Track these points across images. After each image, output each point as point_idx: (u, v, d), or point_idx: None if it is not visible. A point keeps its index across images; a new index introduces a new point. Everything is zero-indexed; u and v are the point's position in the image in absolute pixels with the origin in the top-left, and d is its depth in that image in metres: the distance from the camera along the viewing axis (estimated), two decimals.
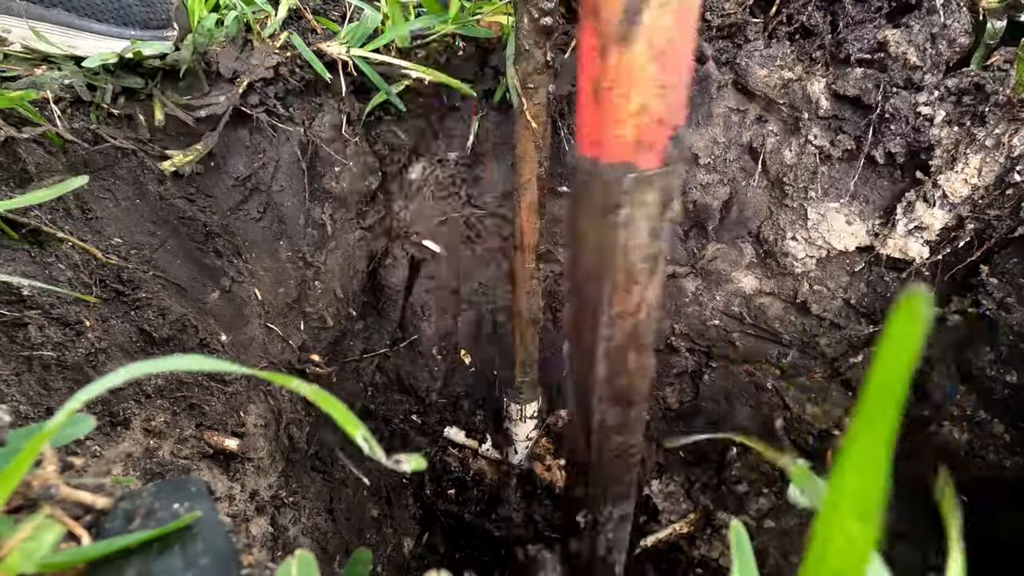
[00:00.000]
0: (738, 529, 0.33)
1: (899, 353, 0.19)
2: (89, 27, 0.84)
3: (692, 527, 1.10)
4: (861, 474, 0.20)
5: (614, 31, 0.35)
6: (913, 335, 0.18)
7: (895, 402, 0.19)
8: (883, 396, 0.19)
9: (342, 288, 1.18)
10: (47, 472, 0.34)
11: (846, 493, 0.21)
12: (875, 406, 0.20)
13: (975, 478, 0.91)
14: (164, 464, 0.70)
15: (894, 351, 0.19)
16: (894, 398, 0.19)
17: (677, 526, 1.10)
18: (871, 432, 0.20)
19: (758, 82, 0.94)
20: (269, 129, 0.94)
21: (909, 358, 0.19)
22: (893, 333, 0.19)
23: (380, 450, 0.30)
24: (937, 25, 0.83)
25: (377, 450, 0.30)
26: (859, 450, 0.20)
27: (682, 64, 0.37)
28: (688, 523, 1.10)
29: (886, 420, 0.19)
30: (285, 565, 0.32)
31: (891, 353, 0.19)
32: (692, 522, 1.10)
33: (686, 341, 1.20)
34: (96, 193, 0.79)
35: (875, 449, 0.20)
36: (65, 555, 0.30)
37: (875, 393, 0.20)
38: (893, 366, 0.19)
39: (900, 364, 0.19)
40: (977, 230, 0.89)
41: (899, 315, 0.19)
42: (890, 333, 0.19)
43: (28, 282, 0.63)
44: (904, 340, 0.19)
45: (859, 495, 0.21)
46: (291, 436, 1.00)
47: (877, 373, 0.19)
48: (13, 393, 0.61)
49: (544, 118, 0.84)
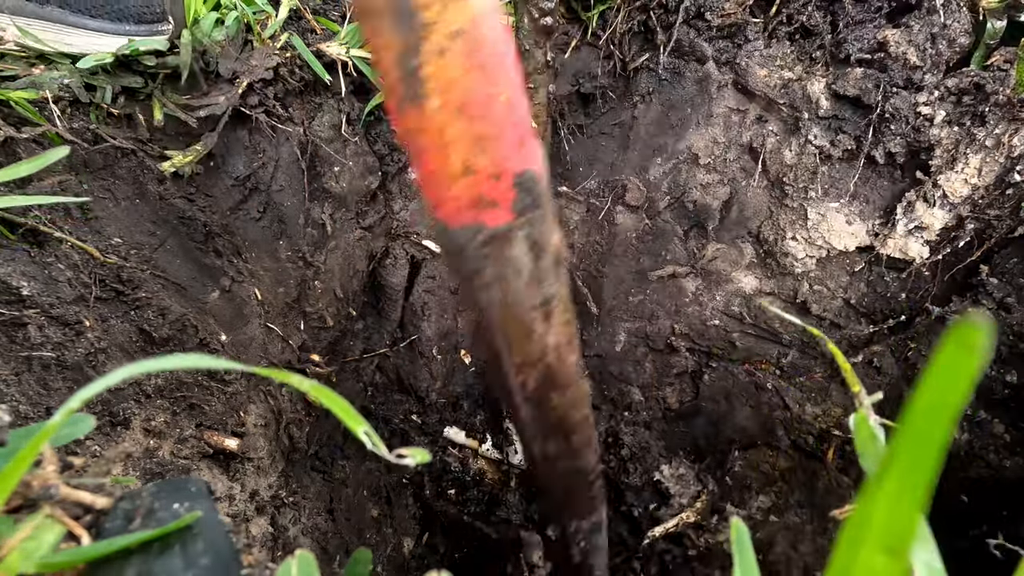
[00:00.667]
0: (738, 525, 0.32)
1: (948, 387, 0.17)
2: (84, 23, 0.83)
3: (699, 515, 1.10)
4: (894, 509, 0.19)
5: (403, 89, 0.30)
6: (967, 367, 0.16)
7: (940, 437, 0.17)
8: (926, 431, 0.17)
9: (342, 288, 1.18)
10: (47, 472, 0.34)
11: (875, 526, 0.19)
12: (916, 440, 0.18)
13: (975, 478, 0.91)
14: (164, 464, 0.70)
15: (942, 384, 0.17)
16: (939, 433, 0.17)
17: (684, 515, 1.10)
18: (910, 465, 0.18)
19: (758, 82, 0.94)
20: (268, 129, 0.94)
21: (960, 392, 0.17)
22: (943, 363, 0.17)
23: (383, 445, 0.30)
24: (937, 25, 0.83)
25: (380, 445, 0.30)
26: (894, 484, 0.18)
27: (498, 110, 0.32)
28: (696, 512, 1.10)
29: (928, 455, 0.18)
30: (285, 565, 0.32)
31: (938, 386, 0.17)
32: (700, 511, 1.10)
33: (686, 341, 1.20)
34: (96, 193, 0.79)
35: (913, 483, 0.18)
36: (65, 555, 0.30)
37: (917, 426, 0.18)
38: (939, 401, 0.17)
39: (948, 399, 0.17)
40: (977, 230, 0.89)
41: (951, 343, 0.16)
42: (939, 363, 0.17)
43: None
44: (955, 373, 0.16)
45: (890, 529, 0.19)
46: (291, 436, 1.00)
47: (920, 405, 0.17)
48: (13, 393, 0.61)
49: (544, 118, 0.84)
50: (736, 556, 0.31)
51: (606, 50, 1.00)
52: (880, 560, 0.20)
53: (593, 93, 1.04)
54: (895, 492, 0.19)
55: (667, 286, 1.18)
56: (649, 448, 1.24)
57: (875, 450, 0.40)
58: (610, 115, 1.09)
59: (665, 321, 1.21)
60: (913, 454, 0.18)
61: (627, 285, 1.21)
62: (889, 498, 0.19)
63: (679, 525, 1.10)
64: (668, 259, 1.14)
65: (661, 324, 1.21)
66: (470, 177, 0.33)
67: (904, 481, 0.18)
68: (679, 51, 0.98)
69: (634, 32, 0.99)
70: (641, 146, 1.08)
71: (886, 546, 0.19)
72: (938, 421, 0.17)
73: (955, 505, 0.92)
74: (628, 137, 1.08)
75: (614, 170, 1.12)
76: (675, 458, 1.20)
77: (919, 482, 0.18)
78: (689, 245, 1.13)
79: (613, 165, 1.12)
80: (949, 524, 0.92)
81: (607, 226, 1.17)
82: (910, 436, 0.18)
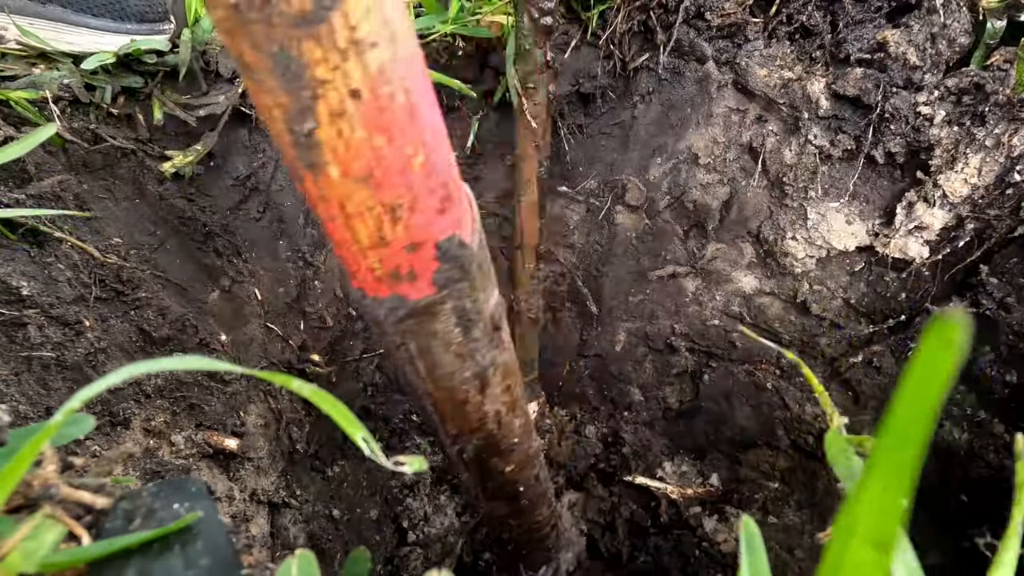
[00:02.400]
0: (749, 523, 0.32)
1: (928, 380, 0.17)
2: (85, 22, 0.83)
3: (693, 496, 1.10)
4: (879, 503, 0.19)
5: (296, 155, 0.26)
6: (946, 362, 0.17)
7: (921, 432, 0.18)
8: (908, 424, 0.18)
9: (342, 288, 1.18)
10: (47, 472, 0.34)
11: (862, 520, 0.20)
12: (899, 434, 0.18)
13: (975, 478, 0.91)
14: (164, 464, 0.70)
15: (923, 378, 0.18)
16: (920, 427, 0.18)
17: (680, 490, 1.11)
18: (893, 460, 0.19)
19: (758, 82, 0.94)
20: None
21: (939, 387, 0.17)
22: (923, 358, 0.17)
23: (380, 452, 0.30)
24: (937, 25, 0.83)
25: (377, 452, 0.30)
26: (879, 477, 0.19)
27: (413, 175, 0.27)
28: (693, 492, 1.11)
29: (910, 449, 0.18)
30: (285, 565, 0.32)
31: (919, 380, 0.18)
32: (693, 495, 1.11)
33: (686, 341, 1.20)
34: (95, 193, 0.79)
35: (897, 478, 0.19)
36: (65, 555, 0.30)
37: (899, 420, 0.18)
38: (920, 394, 0.18)
39: (928, 393, 0.18)
40: (977, 230, 0.89)
41: (931, 338, 0.17)
42: (920, 358, 0.17)
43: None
44: (935, 367, 0.17)
45: (876, 523, 0.20)
46: (291, 436, 1.00)
47: (903, 399, 0.18)
48: (12, 393, 0.61)
49: (544, 118, 0.84)
50: (744, 556, 0.31)
51: (606, 50, 1.00)
52: (868, 554, 0.20)
53: (593, 93, 1.05)
54: (880, 487, 0.19)
55: (667, 286, 1.18)
56: (650, 447, 1.24)
57: (847, 463, 0.40)
58: (610, 115, 1.09)
59: (665, 321, 1.21)
60: (897, 448, 0.19)
61: (627, 285, 1.21)
62: (875, 493, 0.19)
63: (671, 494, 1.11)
64: (668, 259, 1.14)
65: (661, 324, 1.21)
66: (384, 248, 0.29)
67: (889, 475, 0.19)
68: (679, 51, 0.98)
69: (634, 32, 0.99)
70: (641, 146, 1.08)
71: (874, 540, 0.20)
72: (919, 415, 0.18)
73: (955, 505, 0.92)
74: (628, 137, 1.08)
75: (614, 170, 1.12)
76: (676, 456, 1.21)
77: (903, 475, 0.19)
78: (689, 245, 1.13)
79: (613, 165, 1.12)
80: (949, 524, 0.92)
81: (607, 226, 1.17)
82: (893, 431, 0.19)
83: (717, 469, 1.18)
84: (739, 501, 1.10)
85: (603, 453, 1.22)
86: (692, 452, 1.25)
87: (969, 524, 0.91)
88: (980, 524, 0.90)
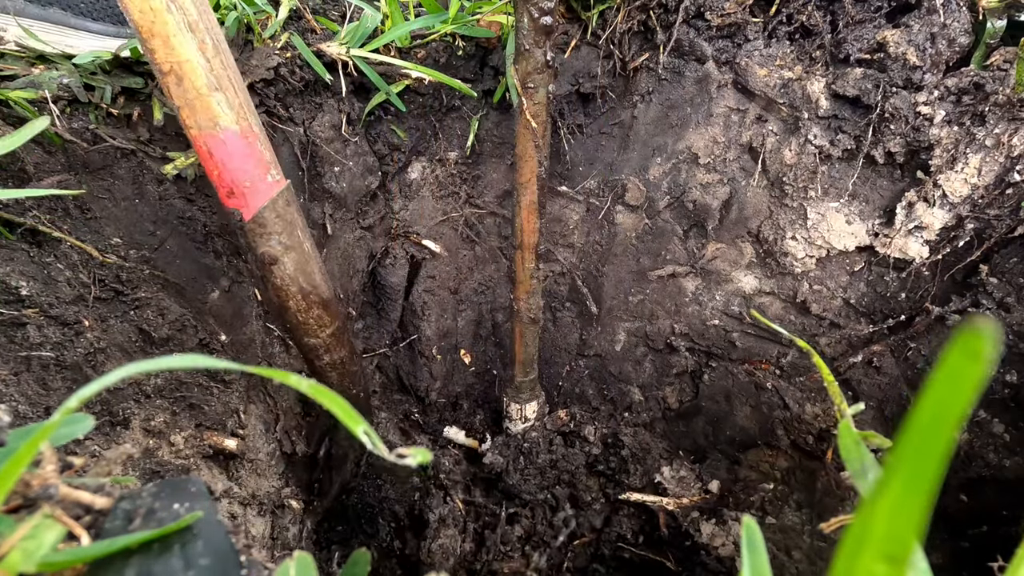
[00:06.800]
0: (750, 524, 0.32)
1: (952, 393, 0.17)
2: (86, 26, 0.83)
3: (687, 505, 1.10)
4: (895, 515, 0.18)
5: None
6: (971, 375, 0.16)
7: (942, 445, 0.17)
8: (928, 436, 0.17)
9: (342, 288, 1.18)
10: (46, 472, 0.34)
11: (875, 533, 0.19)
12: (918, 445, 0.18)
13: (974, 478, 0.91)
14: (164, 464, 0.70)
15: (946, 389, 0.17)
16: (941, 440, 0.17)
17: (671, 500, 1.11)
18: (911, 471, 0.18)
19: (758, 82, 0.94)
20: (269, 129, 0.94)
21: (963, 400, 0.16)
22: (948, 369, 0.16)
23: (382, 444, 0.30)
24: (937, 25, 0.82)
25: (379, 444, 0.30)
26: (896, 491, 0.18)
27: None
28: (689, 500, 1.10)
29: (930, 462, 0.18)
30: (284, 565, 0.31)
31: (942, 391, 0.17)
32: (689, 503, 1.11)
33: (686, 341, 1.20)
34: (95, 193, 0.79)
35: (915, 490, 0.18)
36: (65, 555, 0.30)
37: (920, 431, 0.17)
38: (943, 408, 0.17)
39: (951, 405, 0.17)
40: (977, 230, 0.89)
41: (957, 349, 0.16)
42: (944, 368, 0.16)
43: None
44: (959, 379, 0.16)
45: (890, 538, 0.19)
46: (291, 436, 1.00)
47: (923, 413, 0.17)
48: (12, 393, 0.61)
49: (544, 118, 0.84)
50: (746, 557, 0.31)
51: (606, 50, 1.00)
52: (881, 568, 0.19)
53: (593, 93, 1.04)
54: (897, 499, 0.18)
55: (667, 286, 1.18)
56: (650, 449, 1.24)
57: (859, 455, 0.39)
58: (610, 115, 1.09)
59: (665, 321, 1.20)
60: (916, 461, 0.18)
61: (627, 285, 1.21)
62: (891, 505, 0.18)
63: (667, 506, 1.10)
64: (668, 259, 1.14)
65: (661, 324, 1.21)
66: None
67: (906, 488, 0.18)
68: (679, 51, 0.98)
69: (634, 32, 0.99)
70: (641, 146, 1.08)
71: (887, 554, 0.19)
72: (941, 429, 0.17)
73: (955, 505, 0.92)
74: (628, 137, 1.08)
75: (614, 170, 1.12)
76: (675, 460, 1.20)
77: (921, 489, 0.18)
78: (689, 245, 1.12)
79: (613, 165, 1.12)
80: (949, 524, 0.92)
81: (607, 226, 1.17)
82: (913, 443, 0.18)
83: (716, 472, 1.18)
84: (736, 504, 1.10)
85: (603, 454, 1.22)
86: (692, 454, 1.25)
87: (969, 524, 0.91)
88: (980, 524, 0.90)
